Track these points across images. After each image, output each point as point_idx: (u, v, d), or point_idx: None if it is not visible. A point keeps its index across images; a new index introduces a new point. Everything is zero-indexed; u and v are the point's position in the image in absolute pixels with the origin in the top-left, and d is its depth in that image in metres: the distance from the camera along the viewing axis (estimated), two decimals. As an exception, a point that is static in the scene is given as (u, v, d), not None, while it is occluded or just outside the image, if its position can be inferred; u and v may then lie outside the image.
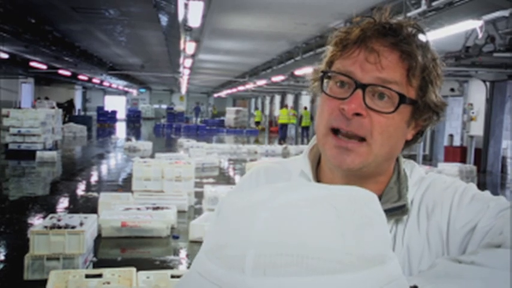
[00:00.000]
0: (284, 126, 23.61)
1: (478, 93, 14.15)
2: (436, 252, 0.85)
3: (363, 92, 0.84)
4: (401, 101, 0.84)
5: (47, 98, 26.68)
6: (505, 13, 6.22)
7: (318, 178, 0.98)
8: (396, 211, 0.88)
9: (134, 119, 33.89)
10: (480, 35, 6.63)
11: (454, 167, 11.63)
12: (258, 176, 1.02)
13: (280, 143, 20.58)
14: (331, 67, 0.90)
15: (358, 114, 0.84)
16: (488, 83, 13.58)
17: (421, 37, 0.88)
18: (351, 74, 0.85)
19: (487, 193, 0.89)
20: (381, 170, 0.91)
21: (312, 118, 22.26)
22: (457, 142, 15.27)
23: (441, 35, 6.59)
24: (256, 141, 22.71)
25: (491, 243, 0.73)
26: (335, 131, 0.86)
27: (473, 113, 14.33)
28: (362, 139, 0.85)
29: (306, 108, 23.17)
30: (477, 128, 14.14)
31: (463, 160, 13.35)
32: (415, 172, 0.95)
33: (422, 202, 0.90)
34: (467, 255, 0.72)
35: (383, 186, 0.93)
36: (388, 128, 0.85)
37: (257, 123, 32.52)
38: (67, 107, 27.81)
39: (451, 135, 15.21)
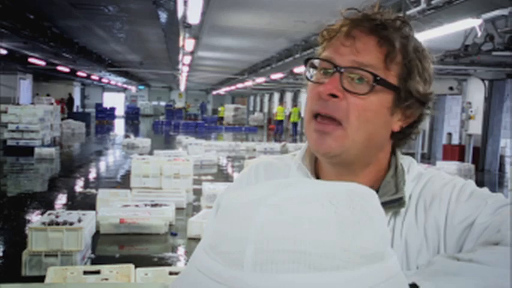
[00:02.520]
0: (280, 123, 25.21)
1: (476, 91, 14.16)
2: (433, 246, 0.86)
3: (340, 74, 0.85)
4: (376, 81, 0.84)
5: (48, 95, 26.68)
6: (504, 12, 6.23)
7: (316, 173, 0.98)
8: (393, 204, 0.88)
9: (133, 116, 33.80)
10: (479, 34, 6.63)
11: (453, 165, 11.65)
12: (258, 172, 1.02)
13: (276, 139, 21.44)
14: None
15: (334, 96, 0.85)
16: (487, 82, 13.59)
17: (408, 30, 0.89)
18: (330, 59, 0.88)
19: (485, 190, 0.89)
20: (365, 159, 0.91)
21: (299, 114, 23.97)
22: (455, 140, 15.28)
23: (440, 34, 6.59)
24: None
25: (490, 241, 0.73)
26: (316, 116, 0.88)
27: (471, 111, 14.34)
28: (339, 124, 0.86)
29: (295, 105, 24.55)
30: (476, 127, 14.15)
31: (462, 159, 13.37)
32: (413, 167, 0.95)
33: (421, 197, 0.90)
34: (465, 253, 0.72)
35: (375, 179, 0.93)
36: (365, 112, 0.86)
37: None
38: (67, 103, 27.79)
39: (450, 134, 15.23)
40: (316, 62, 0.92)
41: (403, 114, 0.91)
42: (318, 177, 0.98)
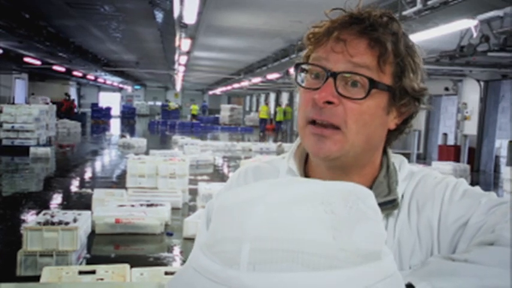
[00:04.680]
0: (263, 121, 27.38)
1: (472, 92, 14.20)
2: (426, 247, 0.85)
3: (334, 80, 0.84)
4: (372, 85, 0.84)
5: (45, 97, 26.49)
6: (499, 13, 6.25)
7: (306, 175, 0.98)
8: (387, 205, 0.87)
9: (129, 116, 33.72)
10: (475, 35, 6.65)
11: (448, 165, 11.68)
12: (246, 176, 1.03)
13: (261, 137, 23.29)
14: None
15: (329, 103, 0.84)
16: (482, 83, 13.63)
17: (396, 26, 0.88)
18: (321, 64, 0.86)
19: (477, 189, 0.89)
20: (362, 161, 0.91)
21: (284, 114, 25.86)
22: (451, 141, 15.32)
23: (436, 34, 6.61)
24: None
25: (484, 241, 0.73)
26: (312, 122, 0.87)
27: (467, 112, 14.38)
28: (337, 128, 0.85)
29: (280, 105, 26.28)
30: (471, 127, 14.19)
31: (457, 159, 13.39)
32: (404, 167, 0.95)
33: (413, 197, 0.90)
34: (461, 254, 0.72)
35: (369, 179, 0.93)
36: (363, 116, 0.85)
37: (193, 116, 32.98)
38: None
39: (445, 134, 15.27)
40: (306, 66, 0.90)
41: (398, 111, 0.90)
42: (308, 176, 0.97)
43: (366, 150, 0.89)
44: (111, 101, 40.23)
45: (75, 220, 4.80)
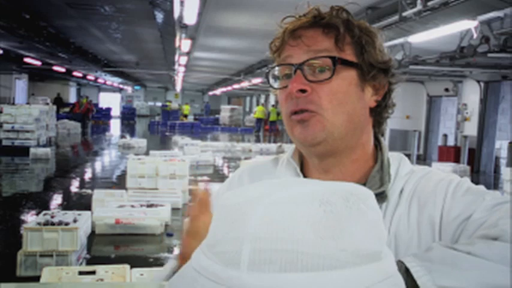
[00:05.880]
0: (259, 121, 28.22)
1: (472, 93, 14.21)
2: (426, 243, 0.85)
3: (301, 70, 0.89)
4: (335, 62, 0.88)
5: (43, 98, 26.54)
6: (499, 14, 6.25)
7: (303, 174, 1.00)
8: (376, 197, 0.88)
9: (129, 116, 33.74)
10: (475, 36, 6.65)
11: (448, 166, 11.69)
12: (242, 177, 1.05)
13: (256, 136, 24.33)
14: None
15: (302, 91, 0.88)
16: (482, 84, 13.64)
17: (346, 14, 0.93)
18: (286, 61, 0.92)
19: (481, 187, 0.89)
20: (350, 142, 0.93)
21: (278, 114, 26.38)
22: (451, 142, 15.33)
23: (436, 35, 6.61)
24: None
25: (488, 235, 0.73)
26: (293, 114, 0.91)
27: (467, 113, 14.38)
28: (316, 113, 0.89)
29: (273, 105, 27.33)
30: (471, 128, 14.20)
31: (457, 160, 13.40)
32: (404, 163, 0.96)
33: (415, 193, 0.90)
34: (464, 245, 0.71)
35: (361, 165, 0.95)
36: (336, 95, 0.89)
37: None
38: (56, 103, 27.64)
39: (445, 135, 15.27)
40: (276, 71, 0.96)
41: (373, 87, 0.94)
42: (305, 177, 0.99)
43: (350, 130, 0.91)
44: (111, 101, 40.24)
45: (75, 220, 4.80)
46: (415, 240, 0.86)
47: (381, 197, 0.89)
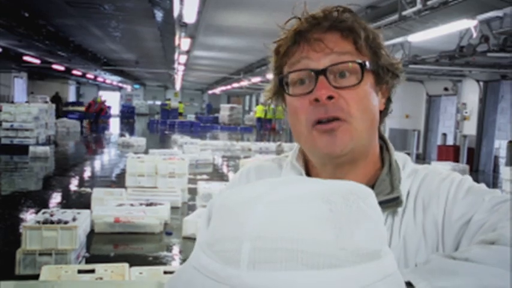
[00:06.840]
0: (260, 120, 28.51)
1: (471, 92, 14.22)
2: (432, 244, 0.86)
3: (325, 76, 0.85)
4: (364, 67, 0.87)
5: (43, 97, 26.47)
6: (499, 13, 6.25)
7: (307, 175, 0.98)
8: (390, 203, 0.88)
9: (128, 115, 33.71)
10: (474, 35, 6.65)
11: (447, 166, 11.69)
12: (249, 175, 1.04)
13: (261, 135, 24.74)
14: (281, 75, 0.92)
15: (331, 98, 0.85)
16: (481, 83, 13.64)
17: (354, 15, 0.91)
18: (306, 67, 0.87)
19: (482, 186, 0.89)
20: (368, 148, 0.92)
21: (273, 112, 27.07)
22: (450, 141, 15.33)
23: (436, 34, 6.61)
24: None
25: (486, 240, 0.73)
26: (318, 123, 0.87)
27: (466, 112, 14.39)
28: (344, 121, 0.86)
29: (262, 104, 28.20)
30: (470, 128, 14.21)
31: (456, 159, 13.40)
32: (408, 164, 0.95)
33: (419, 194, 0.90)
34: (461, 252, 0.71)
35: (371, 170, 0.94)
36: (363, 101, 0.87)
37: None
38: (54, 101, 27.58)
39: (445, 134, 15.28)
40: (290, 76, 0.90)
41: (382, 91, 0.94)
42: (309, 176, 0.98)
43: (371, 136, 0.91)
44: (110, 100, 40.14)
45: (74, 219, 4.80)
46: (422, 244, 0.86)
47: (396, 202, 0.88)
